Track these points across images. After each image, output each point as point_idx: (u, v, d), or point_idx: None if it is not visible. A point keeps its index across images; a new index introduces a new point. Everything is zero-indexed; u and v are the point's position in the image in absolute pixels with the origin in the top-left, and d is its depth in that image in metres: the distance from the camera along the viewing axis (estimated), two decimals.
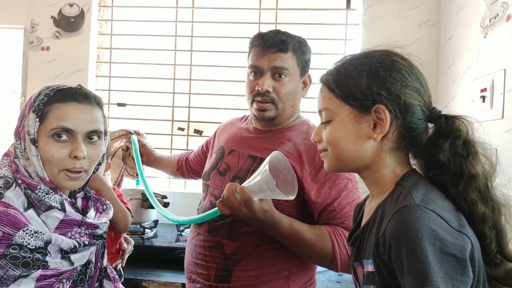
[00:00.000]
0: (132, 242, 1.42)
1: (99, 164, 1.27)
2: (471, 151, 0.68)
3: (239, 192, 0.89)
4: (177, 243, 1.77)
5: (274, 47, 1.06)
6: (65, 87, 0.81)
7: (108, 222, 0.91)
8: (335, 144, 0.73)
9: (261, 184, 0.88)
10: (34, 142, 0.77)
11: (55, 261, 0.77)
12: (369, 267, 0.67)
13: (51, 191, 0.79)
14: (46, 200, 0.77)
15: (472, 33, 1.63)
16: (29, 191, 0.76)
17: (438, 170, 0.68)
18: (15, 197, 0.76)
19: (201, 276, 1.08)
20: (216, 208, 0.95)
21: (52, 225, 0.78)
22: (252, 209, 0.89)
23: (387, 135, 0.69)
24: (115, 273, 0.97)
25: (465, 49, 1.69)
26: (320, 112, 0.76)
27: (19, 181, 0.78)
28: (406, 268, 0.58)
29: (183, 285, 1.41)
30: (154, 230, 1.93)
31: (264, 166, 0.90)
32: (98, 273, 0.90)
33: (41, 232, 0.75)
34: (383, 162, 0.71)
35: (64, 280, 0.79)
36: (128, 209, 1.33)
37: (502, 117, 1.36)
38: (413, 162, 0.74)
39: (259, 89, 1.07)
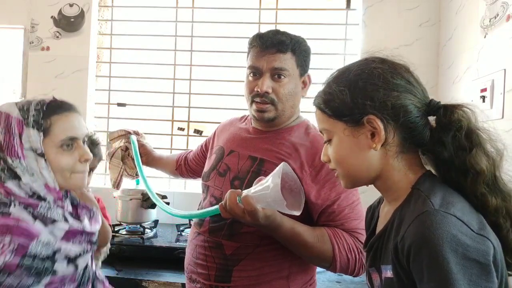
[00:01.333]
0: (108, 245, 1.40)
1: (92, 169, 1.31)
2: (475, 142, 0.66)
3: (243, 202, 0.88)
4: (177, 243, 1.77)
5: (273, 48, 1.06)
6: (49, 100, 0.84)
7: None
8: (341, 162, 0.73)
9: (268, 200, 0.86)
10: (43, 155, 0.79)
11: (62, 268, 0.80)
12: (388, 273, 0.67)
13: (52, 206, 0.81)
14: (49, 215, 0.80)
15: (472, 33, 1.63)
16: (31, 209, 0.79)
17: (446, 167, 0.67)
18: (20, 212, 0.78)
19: (202, 276, 1.08)
20: (217, 207, 0.95)
21: (59, 235, 0.81)
22: (256, 218, 0.88)
23: (387, 141, 0.68)
24: (102, 275, 1.00)
25: (465, 49, 1.69)
26: (321, 132, 0.77)
27: (16, 202, 0.79)
28: (427, 275, 0.57)
29: (183, 285, 1.41)
30: (154, 230, 1.93)
31: (273, 181, 0.86)
32: (91, 275, 0.94)
33: (50, 243, 0.78)
34: (392, 168, 0.70)
35: (67, 281, 0.82)
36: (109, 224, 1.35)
37: (502, 117, 1.36)
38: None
39: (258, 90, 1.07)
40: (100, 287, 0.96)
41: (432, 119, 0.70)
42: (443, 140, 0.67)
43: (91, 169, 1.32)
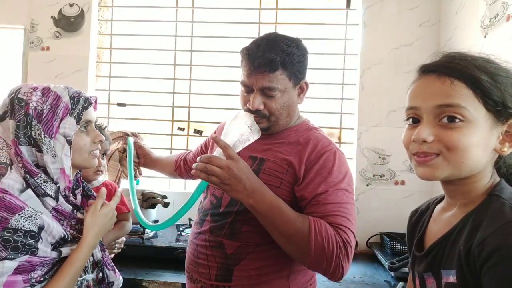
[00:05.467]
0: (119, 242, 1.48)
1: (104, 153, 1.41)
2: None
3: (216, 142, 0.95)
4: (177, 243, 1.78)
5: (262, 67, 1.02)
6: (94, 101, 0.94)
7: None
8: (465, 150, 0.63)
9: (240, 125, 0.97)
10: (70, 143, 0.86)
11: (45, 250, 0.80)
12: (450, 278, 0.65)
13: (48, 180, 0.84)
14: (43, 187, 0.83)
15: (472, 33, 1.63)
16: (28, 176, 0.82)
17: None
18: (11, 182, 0.81)
19: (202, 275, 1.08)
20: (201, 181, 0.98)
21: (46, 210, 0.84)
22: (237, 158, 0.93)
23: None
24: (112, 263, 1.02)
25: (465, 49, 1.69)
26: (447, 106, 0.64)
27: (20, 165, 0.82)
28: (508, 285, 0.55)
29: (183, 285, 1.41)
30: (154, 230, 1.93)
31: (233, 117, 1.02)
32: (92, 264, 0.96)
33: (34, 217, 0.79)
34: (487, 173, 0.68)
35: (46, 265, 0.83)
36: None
37: None
38: None
39: (250, 107, 1.06)
40: (111, 274, 0.99)
41: None
42: None
43: (104, 153, 1.40)
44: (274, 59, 1.02)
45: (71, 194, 0.90)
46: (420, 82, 0.70)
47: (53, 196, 0.84)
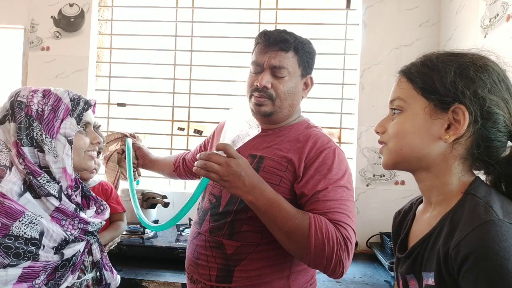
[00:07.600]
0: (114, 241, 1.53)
1: (99, 152, 1.44)
2: None
3: (219, 148, 0.94)
4: (177, 243, 1.77)
5: (276, 45, 1.07)
6: (93, 103, 0.97)
7: (103, 222, 0.97)
8: (401, 137, 0.70)
9: (241, 124, 0.97)
10: (71, 143, 0.88)
11: (46, 255, 0.81)
12: (429, 280, 0.64)
13: (51, 180, 0.85)
14: (46, 187, 0.83)
15: (472, 33, 1.63)
16: (31, 177, 0.82)
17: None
18: (10, 184, 0.80)
19: (203, 276, 1.07)
20: (202, 178, 0.97)
21: (48, 211, 0.84)
22: (237, 155, 0.93)
23: (460, 139, 0.65)
24: (110, 263, 1.03)
25: (465, 49, 1.69)
26: (392, 102, 0.73)
27: (22, 166, 0.82)
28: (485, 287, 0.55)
29: (183, 285, 1.41)
30: None
31: (232, 114, 1.03)
32: (91, 263, 0.97)
33: (34, 223, 0.79)
34: (449, 168, 0.67)
35: (49, 269, 0.83)
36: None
37: None
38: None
39: (257, 84, 1.08)
40: (109, 275, 1.00)
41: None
42: None
43: (99, 152, 1.41)
44: (288, 39, 1.08)
45: (73, 193, 0.91)
46: None
47: (56, 196, 0.85)
